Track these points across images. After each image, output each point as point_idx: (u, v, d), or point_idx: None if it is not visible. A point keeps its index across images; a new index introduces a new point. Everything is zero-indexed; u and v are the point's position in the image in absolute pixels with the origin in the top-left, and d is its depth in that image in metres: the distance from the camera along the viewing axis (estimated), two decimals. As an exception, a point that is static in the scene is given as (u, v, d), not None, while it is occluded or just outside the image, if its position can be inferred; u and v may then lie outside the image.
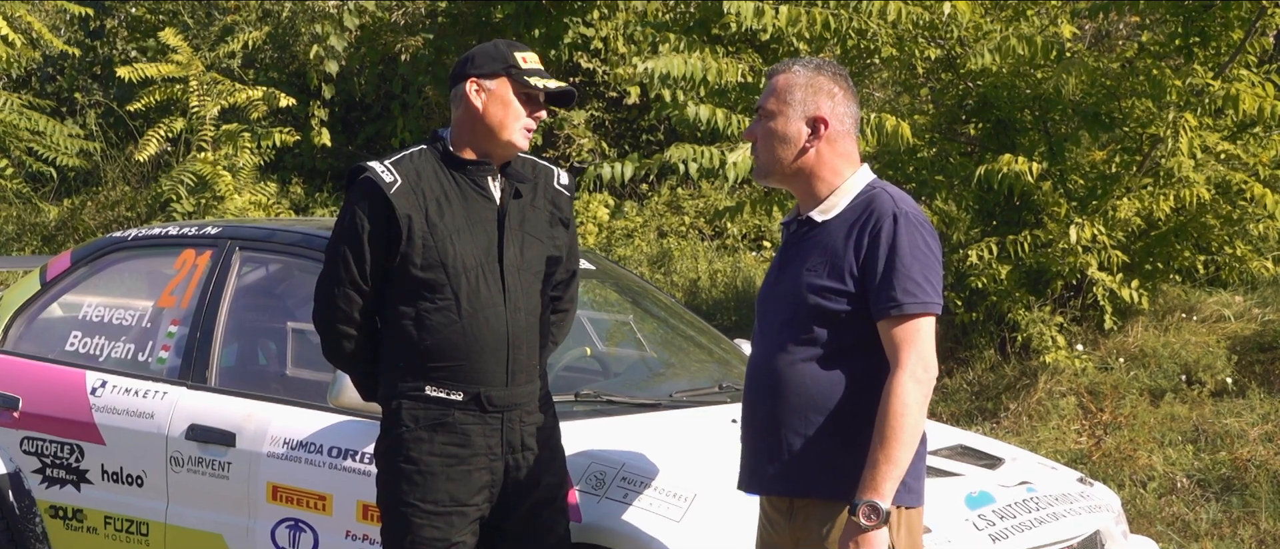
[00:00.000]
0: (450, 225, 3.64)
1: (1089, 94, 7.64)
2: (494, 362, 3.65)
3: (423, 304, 3.64)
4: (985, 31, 7.85)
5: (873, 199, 3.31)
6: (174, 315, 5.05)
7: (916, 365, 3.17)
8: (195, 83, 11.62)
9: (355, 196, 3.70)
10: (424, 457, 3.66)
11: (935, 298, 3.22)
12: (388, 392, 3.74)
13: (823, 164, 3.36)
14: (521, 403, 3.71)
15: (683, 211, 12.16)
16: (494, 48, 3.73)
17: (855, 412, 3.23)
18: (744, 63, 7.82)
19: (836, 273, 3.25)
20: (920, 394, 3.16)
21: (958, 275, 8.01)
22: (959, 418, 7.74)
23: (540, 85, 3.67)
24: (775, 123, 3.35)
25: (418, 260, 3.62)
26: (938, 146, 8.29)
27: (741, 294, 10.04)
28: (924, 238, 3.26)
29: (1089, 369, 7.69)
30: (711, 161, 7.64)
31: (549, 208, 3.81)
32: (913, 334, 3.19)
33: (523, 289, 3.70)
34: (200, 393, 4.80)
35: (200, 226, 5.25)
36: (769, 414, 3.31)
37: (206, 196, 11.22)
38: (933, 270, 3.24)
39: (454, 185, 3.69)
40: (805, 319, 3.27)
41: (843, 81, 3.38)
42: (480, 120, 3.70)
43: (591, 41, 12.32)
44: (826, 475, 3.25)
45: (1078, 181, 7.96)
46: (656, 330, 5.60)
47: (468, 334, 3.62)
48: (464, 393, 3.65)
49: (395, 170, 3.67)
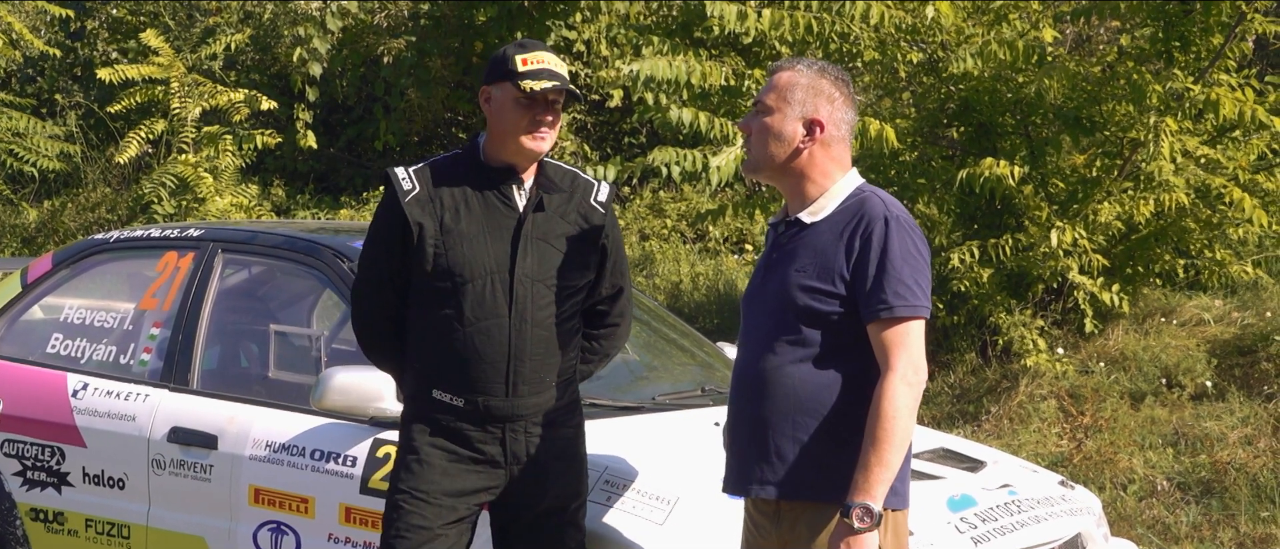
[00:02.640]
0: (466, 232, 3.64)
1: (1070, 98, 7.66)
2: (493, 373, 3.64)
3: (432, 310, 3.66)
4: (967, 36, 7.87)
5: (863, 202, 3.31)
6: (156, 317, 5.03)
7: (907, 368, 3.17)
8: (176, 84, 11.57)
9: (382, 201, 3.76)
10: (424, 448, 3.70)
11: (925, 301, 3.22)
12: (408, 392, 3.78)
13: (814, 166, 3.35)
14: (526, 414, 3.69)
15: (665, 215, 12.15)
16: (501, 52, 3.73)
17: (844, 414, 3.22)
18: (727, 66, 7.82)
19: (826, 274, 3.25)
20: (911, 397, 3.16)
21: (939, 279, 8.00)
22: (941, 421, 7.75)
23: (528, 88, 3.64)
24: (772, 119, 3.35)
25: (428, 267, 3.64)
26: (920, 150, 8.30)
27: (724, 297, 10.04)
28: (914, 242, 3.26)
29: (1070, 372, 7.70)
30: (694, 165, 7.64)
31: (580, 222, 3.78)
32: (903, 337, 3.19)
33: (533, 300, 3.67)
34: (182, 395, 4.78)
35: (182, 229, 5.23)
36: (757, 416, 3.30)
37: (188, 199, 11.18)
38: (923, 274, 3.24)
39: (477, 193, 3.68)
40: (794, 320, 3.26)
41: (844, 87, 3.38)
42: (493, 127, 3.71)
43: (574, 44, 12.31)
44: (816, 478, 3.25)
45: (1059, 185, 7.97)
46: (639, 333, 5.59)
47: (468, 343, 3.63)
48: (464, 400, 3.66)
49: (416, 177, 3.69)
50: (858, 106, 3.64)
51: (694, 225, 11.78)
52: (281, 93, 12.94)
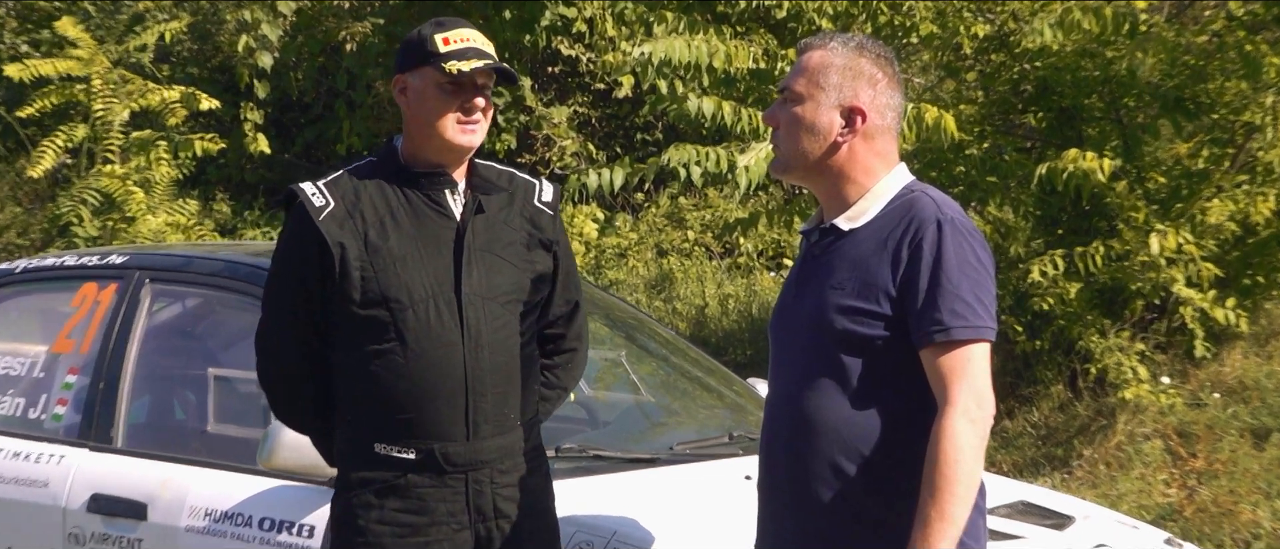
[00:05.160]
0: (396, 250, 3.63)
1: (1170, 75, 7.65)
2: (450, 411, 3.62)
3: (366, 346, 3.63)
4: (1044, 3, 7.86)
5: (912, 203, 3.29)
6: (72, 362, 5.03)
7: (969, 401, 3.15)
8: (100, 82, 11.62)
9: (287, 226, 3.72)
10: (373, 526, 3.64)
11: (989, 321, 3.20)
12: (341, 451, 3.74)
13: (855, 163, 3.35)
14: (490, 460, 3.68)
15: (686, 225, 12.17)
16: (415, 34, 3.73)
17: (896, 458, 3.21)
18: (756, 45, 7.83)
19: (868, 292, 3.24)
20: (975, 435, 3.14)
21: (1017, 296, 8.00)
22: (1022, 468, 7.73)
23: (453, 69, 3.65)
24: (803, 109, 3.35)
25: (356, 296, 3.61)
26: (989, 142, 8.29)
27: (757, 323, 10.04)
28: (974, 249, 3.24)
29: (1178, 406, 7.68)
30: (719, 165, 7.64)
31: (527, 227, 3.79)
32: (963, 364, 3.17)
33: (488, 322, 3.67)
34: (104, 455, 4.77)
35: (104, 255, 5.24)
36: (793, 463, 3.29)
37: (113, 218, 11.22)
38: (984, 288, 3.22)
39: (404, 202, 3.68)
40: (832, 347, 3.25)
41: (887, 66, 3.38)
42: (413, 122, 3.70)
43: (573, 23, 12.35)
44: (864, 535, 3.23)
45: (1158, 180, 7.96)
46: (655, 370, 5.59)
47: (416, 379, 3.60)
48: (416, 450, 3.63)
49: (329, 191, 3.67)
50: (907, 90, 3.63)
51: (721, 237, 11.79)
52: (225, 89, 12.99)
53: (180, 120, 11.85)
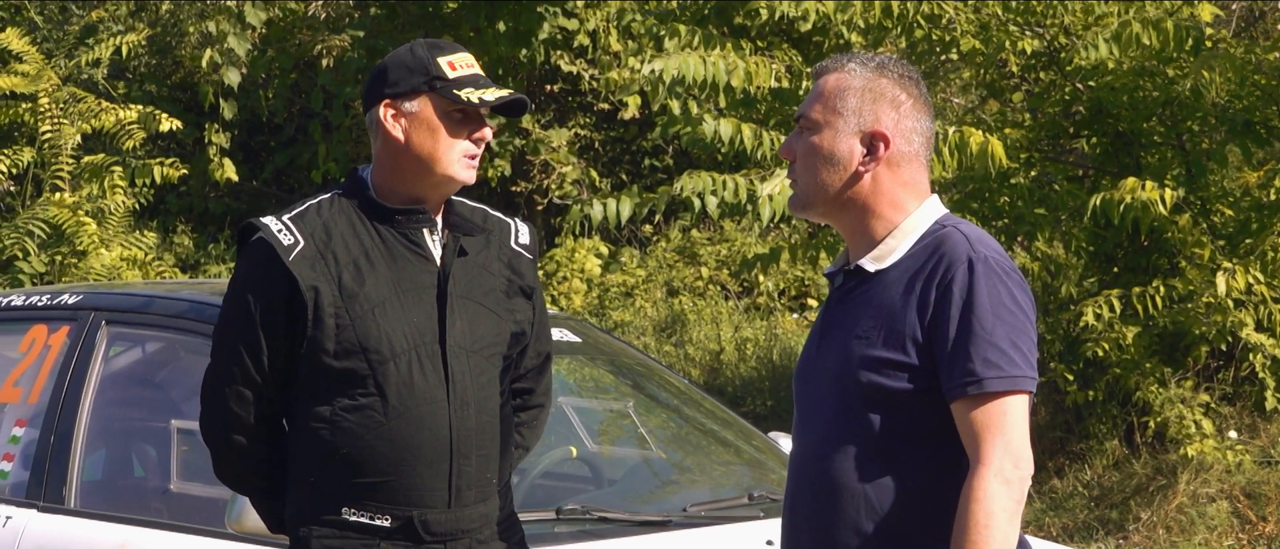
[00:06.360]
0: (373, 296, 3.62)
1: (1238, 96, 7.67)
2: (433, 476, 3.62)
3: (339, 402, 3.61)
4: (1098, 16, 7.89)
5: (942, 240, 3.30)
6: (19, 413, 5.06)
7: (1004, 460, 3.16)
8: (47, 101, 11.64)
9: (245, 265, 3.70)
10: None
11: (1027, 370, 3.21)
12: (296, 514, 3.70)
13: (880, 195, 3.36)
14: (471, 529, 3.69)
15: (699, 261, 12.18)
16: (410, 55, 3.71)
17: (928, 524, 3.23)
18: (778, 62, 7.86)
19: (896, 340, 3.25)
20: (1010, 498, 3.15)
21: (1068, 341, 8.00)
22: (1073, 532, 7.72)
23: (474, 98, 3.67)
24: (821, 137, 3.36)
25: (330, 346, 3.59)
26: (1037, 170, 8.30)
27: (778, 370, 10.05)
28: (1010, 290, 3.25)
29: (1246, 464, 7.67)
30: (737, 195, 7.65)
31: (506, 272, 3.79)
32: (998, 419, 3.18)
33: (473, 378, 3.67)
34: (55, 517, 4.78)
35: (55, 295, 5.25)
36: (816, 527, 3.31)
37: (63, 252, 11.23)
38: (1023, 333, 3.24)
39: (378, 242, 3.67)
40: (858, 402, 3.27)
41: (912, 87, 3.39)
42: (405, 154, 3.67)
43: (575, 37, 12.38)
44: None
45: (1225, 213, 7.97)
46: (665, 422, 5.60)
47: (397, 440, 3.59)
48: (393, 517, 3.63)
49: (296, 229, 3.64)
50: (945, 111, 3.66)
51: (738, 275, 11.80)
52: (187, 109, 13.01)
53: (138, 143, 11.86)
